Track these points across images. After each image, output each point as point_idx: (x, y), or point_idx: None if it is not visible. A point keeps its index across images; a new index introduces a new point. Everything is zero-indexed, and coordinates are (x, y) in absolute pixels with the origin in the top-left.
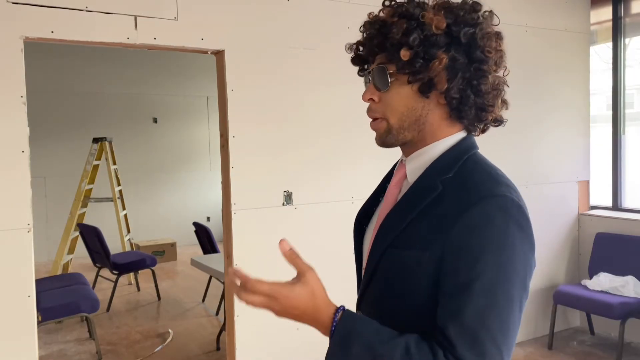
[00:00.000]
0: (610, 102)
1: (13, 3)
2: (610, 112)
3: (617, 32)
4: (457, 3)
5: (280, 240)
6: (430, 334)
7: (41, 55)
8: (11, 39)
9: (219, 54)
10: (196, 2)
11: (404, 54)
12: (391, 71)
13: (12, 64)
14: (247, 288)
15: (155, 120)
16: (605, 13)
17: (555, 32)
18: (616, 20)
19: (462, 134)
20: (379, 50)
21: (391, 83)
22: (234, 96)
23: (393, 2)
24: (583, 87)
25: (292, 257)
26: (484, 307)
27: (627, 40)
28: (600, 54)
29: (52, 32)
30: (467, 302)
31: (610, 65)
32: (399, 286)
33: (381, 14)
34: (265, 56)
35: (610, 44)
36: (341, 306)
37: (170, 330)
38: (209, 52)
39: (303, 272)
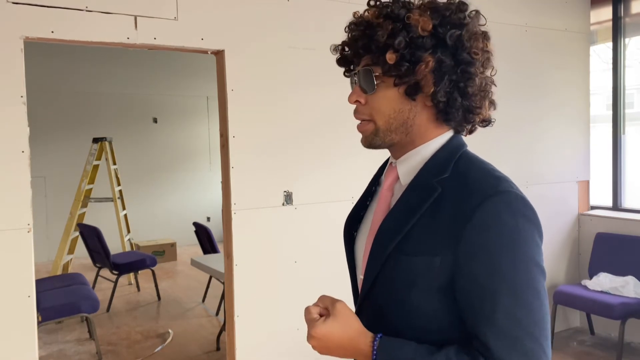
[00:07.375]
0: (610, 102)
1: (13, 3)
2: (610, 112)
3: (617, 32)
4: (444, 3)
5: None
6: (467, 342)
7: (41, 55)
8: (11, 39)
9: (219, 54)
10: (196, 2)
11: (390, 57)
12: (377, 74)
13: (12, 64)
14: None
15: (155, 120)
16: (605, 13)
17: (555, 32)
18: (616, 20)
19: (450, 134)
20: (364, 52)
21: (377, 85)
22: (234, 96)
23: (378, 2)
24: (583, 87)
25: (320, 299)
26: (514, 306)
27: (627, 40)
28: (600, 54)
29: (52, 32)
30: (496, 305)
31: (610, 65)
32: (406, 293)
33: (366, 14)
34: (265, 56)
35: (610, 44)
36: (378, 334)
37: (170, 331)
38: (209, 52)
39: (332, 304)
